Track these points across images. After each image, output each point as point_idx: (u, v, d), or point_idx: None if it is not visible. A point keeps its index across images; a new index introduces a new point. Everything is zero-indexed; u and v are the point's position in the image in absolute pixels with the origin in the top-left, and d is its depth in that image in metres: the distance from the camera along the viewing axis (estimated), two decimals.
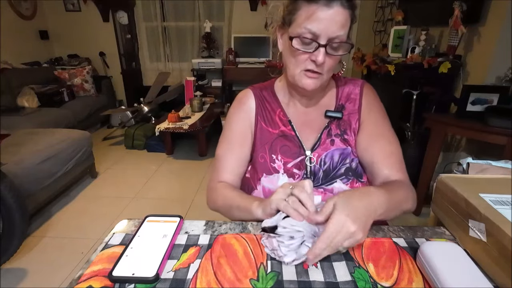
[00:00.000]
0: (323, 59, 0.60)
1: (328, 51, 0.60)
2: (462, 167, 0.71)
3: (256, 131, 0.75)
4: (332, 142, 0.70)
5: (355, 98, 0.74)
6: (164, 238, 0.53)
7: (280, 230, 0.49)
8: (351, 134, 0.71)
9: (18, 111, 2.85)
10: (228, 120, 0.79)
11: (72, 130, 2.45)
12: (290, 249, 0.47)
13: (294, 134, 0.72)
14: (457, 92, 1.93)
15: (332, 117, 0.72)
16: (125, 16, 3.82)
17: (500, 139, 1.48)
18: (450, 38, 1.88)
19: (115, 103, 4.20)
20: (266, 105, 0.76)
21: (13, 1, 3.37)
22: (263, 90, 0.78)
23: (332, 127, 0.72)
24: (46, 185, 1.94)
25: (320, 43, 0.59)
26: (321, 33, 0.58)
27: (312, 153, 0.70)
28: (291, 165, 0.70)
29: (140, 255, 0.49)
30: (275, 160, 0.71)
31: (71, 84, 3.50)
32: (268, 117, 0.75)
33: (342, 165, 0.69)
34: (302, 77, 0.65)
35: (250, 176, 0.75)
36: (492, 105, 1.57)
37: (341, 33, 0.58)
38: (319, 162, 0.70)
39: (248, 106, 0.77)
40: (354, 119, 0.72)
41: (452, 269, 0.43)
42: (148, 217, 0.59)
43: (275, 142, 0.72)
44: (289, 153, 0.71)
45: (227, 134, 0.78)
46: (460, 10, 1.72)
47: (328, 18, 0.57)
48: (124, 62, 4.06)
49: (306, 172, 0.70)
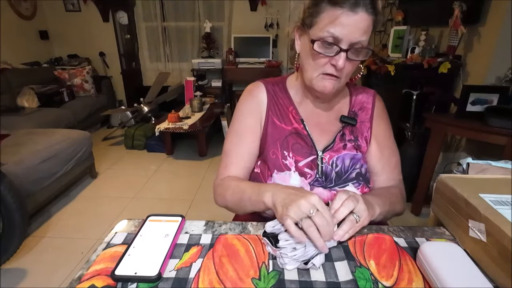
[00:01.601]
0: (343, 63, 0.60)
1: (349, 55, 0.59)
2: (462, 167, 0.71)
3: (267, 126, 0.73)
4: (345, 147, 0.71)
5: (367, 107, 0.76)
6: (166, 237, 0.53)
7: (281, 243, 0.49)
8: (362, 141, 0.73)
9: (18, 111, 2.85)
10: (237, 112, 0.77)
11: (72, 130, 2.45)
12: (292, 259, 0.48)
13: (306, 133, 0.72)
14: (457, 92, 1.93)
15: (347, 122, 0.73)
16: (125, 16, 3.82)
17: (500, 139, 1.48)
18: (450, 38, 1.88)
19: (115, 103, 4.19)
20: (279, 101, 0.75)
21: (13, 1, 3.37)
22: (274, 85, 0.77)
23: (346, 132, 0.73)
24: (46, 185, 1.94)
25: (341, 48, 0.59)
26: (344, 38, 0.58)
27: (324, 153, 0.70)
28: (302, 164, 0.69)
29: (142, 254, 0.49)
30: (287, 157, 0.70)
31: (71, 84, 3.49)
32: (282, 112, 0.74)
33: (353, 170, 0.70)
34: (320, 80, 0.65)
35: (260, 172, 0.73)
36: (492, 105, 1.57)
37: (363, 38, 0.58)
38: (331, 163, 0.70)
39: (260, 99, 0.75)
40: (365, 127, 0.74)
41: (452, 269, 0.44)
42: (150, 217, 0.59)
43: (287, 139, 0.71)
44: (300, 151, 0.70)
45: (236, 127, 0.75)
46: (460, 10, 1.72)
47: (352, 24, 0.56)
48: (124, 62, 4.06)
49: (318, 172, 0.69)
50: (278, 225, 0.53)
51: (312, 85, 0.66)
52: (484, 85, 1.69)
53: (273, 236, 0.51)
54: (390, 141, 0.77)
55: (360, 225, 0.53)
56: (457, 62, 1.88)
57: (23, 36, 3.59)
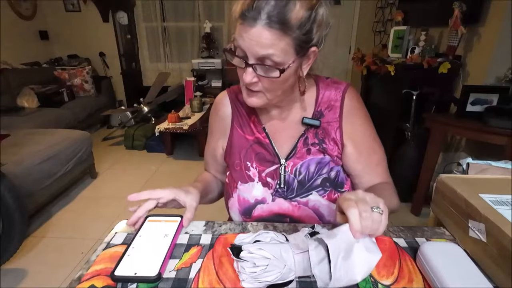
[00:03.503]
0: (250, 79, 0.56)
1: (258, 72, 0.55)
2: (462, 168, 0.71)
3: (232, 138, 0.72)
4: (309, 151, 0.66)
5: (335, 105, 0.68)
6: (165, 237, 0.53)
7: (244, 254, 0.46)
8: (329, 143, 0.67)
9: (18, 111, 2.85)
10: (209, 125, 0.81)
11: (72, 130, 2.45)
12: (249, 276, 0.44)
13: (268, 141, 0.69)
14: (457, 93, 1.93)
15: (309, 125, 0.67)
16: (125, 17, 3.82)
17: (500, 139, 1.48)
18: (449, 39, 1.88)
19: (115, 103, 4.20)
20: (243, 110, 0.73)
21: (13, 1, 3.37)
22: (238, 94, 0.73)
23: (309, 136, 0.68)
24: (46, 185, 1.94)
25: (247, 62, 0.55)
26: (247, 50, 0.53)
27: (287, 162, 0.67)
28: (265, 174, 0.68)
29: (142, 255, 0.49)
30: (250, 168, 0.69)
31: (71, 85, 3.50)
32: (245, 122, 0.72)
33: (318, 176, 0.66)
34: (246, 93, 0.61)
35: (228, 182, 0.73)
36: (491, 106, 1.57)
37: (269, 51, 0.52)
38: (294, 172, 0.66)
39: (223, 114, 0.74)
40: (333, 128, 0.67)
41: (452, 269, 0.44)
42: (149, 217, 0.59)
43: (250, 149, 0.70)
44: (264, 161, 0.68)
45: (208, 138, 0.81)
46: (459, 11, 1.72)
47: (252, 38, 0.52)
48: (124, 63, 4.06)
49: (279, 182, 0.67)
50: (249, 238, 0.51)
51: (243, 97, 0.63)
52: (484, 85, 1.69)
53: (238, 247, 0.49)
54: (370, 139, 0.69)
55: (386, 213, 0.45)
56: (457, 62, 1.88)
57: (23, 36, 3.59)
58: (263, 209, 0.68)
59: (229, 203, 0.72)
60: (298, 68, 0.59)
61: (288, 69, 0.55)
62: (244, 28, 0.52)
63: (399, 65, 2.03)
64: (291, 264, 0.44)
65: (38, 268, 1.59)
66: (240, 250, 0.48)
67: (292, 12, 0.50)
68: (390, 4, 2.83)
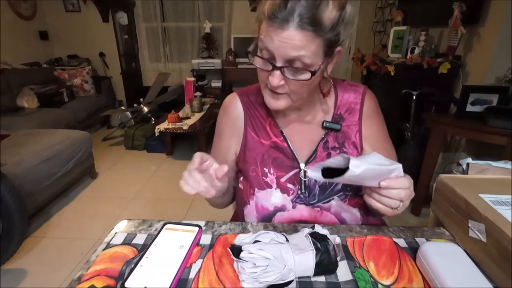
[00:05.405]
0: (278, 82, 0.54)
1: (286, 74, 0.53)
2: (462, 168, 0.71)
3: (246, 142, 0.69)
4: (329, 156, 0.65)
5: (355, 108, 0.68)
6: (180, 249, 0.51)
7: (244, 254, 0.46)
8: (349, 146, 0.66)
9: (18, 111, 2.85)
10: (216, 131, 0.76)
11: (72, 130, 2.45)
12: (249, 276, 0.45)
13: (286, 145, 0.67)
14: (456, 93, 1.93)
15: (330, 128, 0.66)
16: (125, 17, 3.82)
17: (499, 140, 1.48)
18: (449, 39, 1.88)
19: (115, 103, 4.20)
20: (256, 113, 0.70)
21: (13, 1, 3.37)
22: (250, 96, 0.72)
23: (329, 140, 0.66)
24: (46, 185, 1.94)
25: (275, 65, 0.53)
26: (275, 52, 0.52)
27: (307, 166, 0.65)
28: (284, 180, 0.65)
29: (154, 266, 0.47)
30: (268, 174, 0.66)
31: (71, 85, 3.50)
32: (259, 126, 0.69)
33: None
34: (268, 95, 0.60)
35: (243, 188, 0.69)
36: (491, 106, 1.57)
37: (301, 53, 0.50)
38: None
39: (235, 116, 0.71)
40: (353, 131, 0.67)
41: (451, 269, 0.44)
42: (166, 224, 0.57)
43: (266, 154, 0.67)
44: (282, 166, 0.66)
45: (216, 142, 0.76)
46: (459, 11, 1.72)
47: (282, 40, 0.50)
48: (124, 63, 4.06)
49: (300, 187, 0.65)
50: (249, 238, 0.51)
51: (265, 100, 0.61)
52: (483, 85, 1.69)
53: (238, 248, 0.49)
54: (385, 141, 0.70)
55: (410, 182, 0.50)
56: (456, 63, 1.88)
57: (23, 36, 3.59)
58: (284, 217, 0.66)
59: (245, 210, 0.69)
60: (324, 69, 0.58)
61: (318, 71, 0.54)
62: (274, 29, 0.50)
63: (399, 65, 2.03)
64: (291, 264, 0.44)
65: (38, 268, 1.59)
66: (240, 250, 0.47)
67: (325, 12, 0.49)
68: (390, 4, 2.83)
